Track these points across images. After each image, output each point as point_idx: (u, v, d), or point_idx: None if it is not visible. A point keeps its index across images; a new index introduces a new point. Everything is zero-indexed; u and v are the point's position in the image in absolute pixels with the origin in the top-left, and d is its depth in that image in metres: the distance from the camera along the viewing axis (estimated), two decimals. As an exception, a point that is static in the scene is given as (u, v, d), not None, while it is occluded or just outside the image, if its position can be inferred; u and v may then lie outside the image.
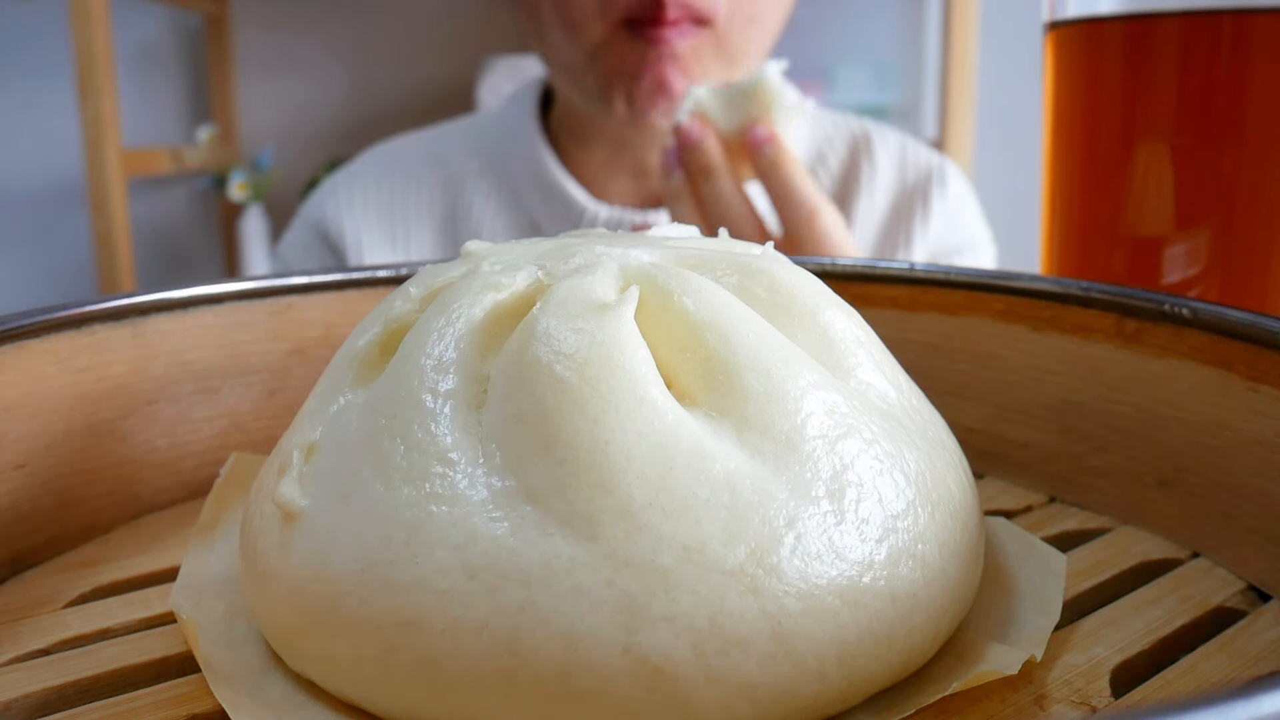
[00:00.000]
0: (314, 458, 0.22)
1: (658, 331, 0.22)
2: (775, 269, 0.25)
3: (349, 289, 0.35)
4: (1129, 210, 0.38)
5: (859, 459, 0.21)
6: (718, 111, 0.58)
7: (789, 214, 0.57)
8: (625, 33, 0.67)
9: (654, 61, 0.67)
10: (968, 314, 0.33)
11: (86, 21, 1.45)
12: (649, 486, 0.19)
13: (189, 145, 1.86)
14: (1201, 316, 0.27)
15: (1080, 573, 0.26)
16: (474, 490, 0.20)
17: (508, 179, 0.80)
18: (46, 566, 0.28)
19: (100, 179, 1.51)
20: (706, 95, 0.58)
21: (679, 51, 0.67)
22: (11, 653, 0.24)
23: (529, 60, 1.64)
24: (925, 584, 0.21)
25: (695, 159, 0.58)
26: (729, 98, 0.58)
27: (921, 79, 1.73)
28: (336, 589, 0.20)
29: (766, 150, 0.57)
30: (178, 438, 0.32)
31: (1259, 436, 0.26)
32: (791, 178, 0.57)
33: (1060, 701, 0.21)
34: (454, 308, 0.23)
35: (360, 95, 1.91)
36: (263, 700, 0.21)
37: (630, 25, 0.67)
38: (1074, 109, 0.40)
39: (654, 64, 0.67)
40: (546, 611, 0.19)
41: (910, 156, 0.83)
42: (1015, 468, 0.33)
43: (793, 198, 0.57)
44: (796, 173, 0.57)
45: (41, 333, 0.28)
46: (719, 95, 0.58)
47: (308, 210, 0.85)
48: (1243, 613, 0.25)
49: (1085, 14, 0.39)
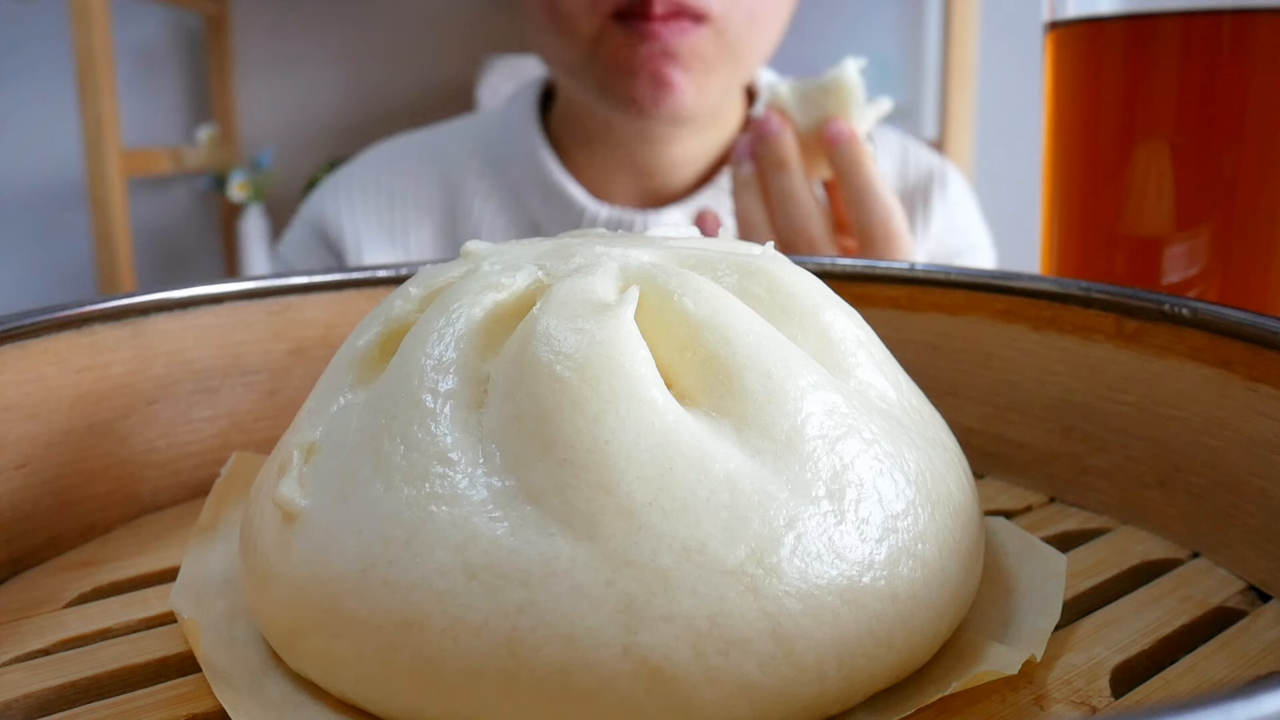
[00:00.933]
0: (314, 458, 0.22)
1: (658, 331, 0.22)
2: (775, 269, 0.25)
3: (349, 289, 0.35)
4: (1129, 210, 0.38)
5: (859, 459, 0.21)
6: (794, 107, 0.58)
7: (866, 213, 0.56)
8: (617, 27, 0.66)
9: (648, 57, 0.66)
10: (968, 314, 0.33)
11: (86, 21, 1.45)
12: (649, 486, 0.19)
13: (189, 145, 1.86)
14: (1201, 316, 0.27)
15: (1080, 573, 0.26)
16: (474, 490, 0.20)
17: (508, 178, 0.80)
18: (46, 566, 0.28)
19: (100, 179, 1.51)
20: (785, 90, 0.58)
21: (677, 49, 0.66)
22: (11, 653, 0.24)
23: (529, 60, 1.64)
24: (925, 584, 0.21)
25: (771, 151, 0.57)
26: (806, 93, 0.57)
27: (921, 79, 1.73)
28: (336, 589, 0.20)
29: (845, 148, 0.56)
30: (178, 438, 0.32)
31: (1259, 436, 0.26)
32: (871, 176, 0.56)
33: (1060, 701, 0.21)
34: (454, 308, 0.23)
35: (360, 95, 1.91)
36: (263, 700, 0.21)
37: (621, 19, 0.66)
38: (1074, 109, 0.40)
39: (648, 60, 0.66)
40: (546, 611, 0.19)
41: (911, 158, 0.83)
42: (1015, 468, 0.33)
43: (872, 195, 0.56)
44: (875, 171, 0.56)
45: (41, 333, 0.29)
46: (796, 91, 0.58)
47: (308, 210, 0.85)
48: (1243, 613, 0.25)
49: (1085, 14, 0.39)
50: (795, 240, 0.57)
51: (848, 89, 0.56)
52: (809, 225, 0.57)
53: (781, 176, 0.57)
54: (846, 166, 0.56)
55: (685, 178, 0.78)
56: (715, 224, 0.61)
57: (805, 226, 0.57)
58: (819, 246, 0.57)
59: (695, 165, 0.78)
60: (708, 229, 0.61)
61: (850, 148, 0.56)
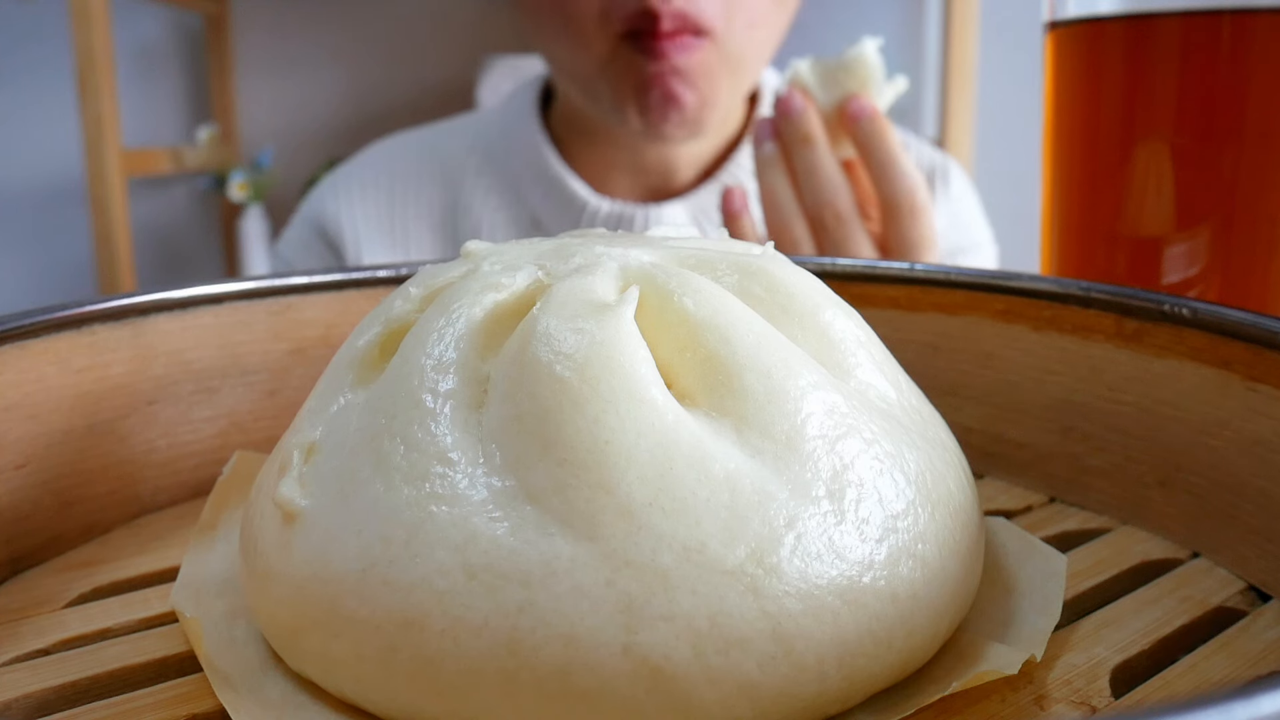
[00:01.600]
0: (314, 458, 0.22)
1: (658, 331, 0.22)
2: (775, 269, 0.25)
3: (349, 289, 0.35)
4: (1129, 210, 0.38)
5: (859, 459, 0.21)
6: (815, 85, 0.58)
7: (892, 185, 0.57)
8: (627, 46, 0.67)
9: (657, 75, 0.67)
10: (968, 314, 0.33)
11: (86, 22, 1.45)
12: (649, 486, 0.19)
13: (189, 145, 1.86)
14: (1201, 316, 0.27)
15: (1080, 573, 0.26)
16: (474, 490, 0.20)
17: (508, 174, 0.80)
18: (46, 566, 0.28)
19: (100, 179, 1.51)
20: (805, 69, 0.58)
21: (683, 67, 0.67)
22: (11, 653, 0.24)
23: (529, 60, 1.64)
24: (925, 584, 0.21)
25: (795, 128, 0.57)
26: (826, 72, 0.58)
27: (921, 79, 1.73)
28: (336, 589, 0.20)
29: (867, 124, 0.57)
30: (178, 438, 0.32)
31: (1259, 436, 0.26)
32: (895, 151, 0.57)
33: (1060, 701, 0.21)
34: (454, 308, 0.23)
35: (360, 95, 1.91)
36: (263, 700, 0.21)
37: (631, 38, 0.67)
38: (1074, 109, 0.40)
39: (658, 77, 0.67)
40: (546, 611, 0.19)
41: (913, 155, 0.83)
42: (1015, 468, 0.33)
43: (897, 168, 0.57)
44: (899, 147, 0.57)
45: (41, 333, 0.29)
46: (817, 69, 0.58)
47: (307, 207, 0.85)
48: (1243, 613, 0.25)
49: (1085, 14, 0.39)
50: (823, 213, 0.57)
51: (868, 66, 0.57)
52: (837, 199, 0.57)
53: (807, 152, 0.57)
54: (871, 141, 0.57)
55: (687, 174, 0.78)
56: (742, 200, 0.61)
57: (833, 200, 0.57)
58: (847, 219, 0.57)
59: (697, 162, 0.78)
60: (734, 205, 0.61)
61: (873, 123, 0.56)
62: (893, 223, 0.57)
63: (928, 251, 0.58)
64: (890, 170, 0.57)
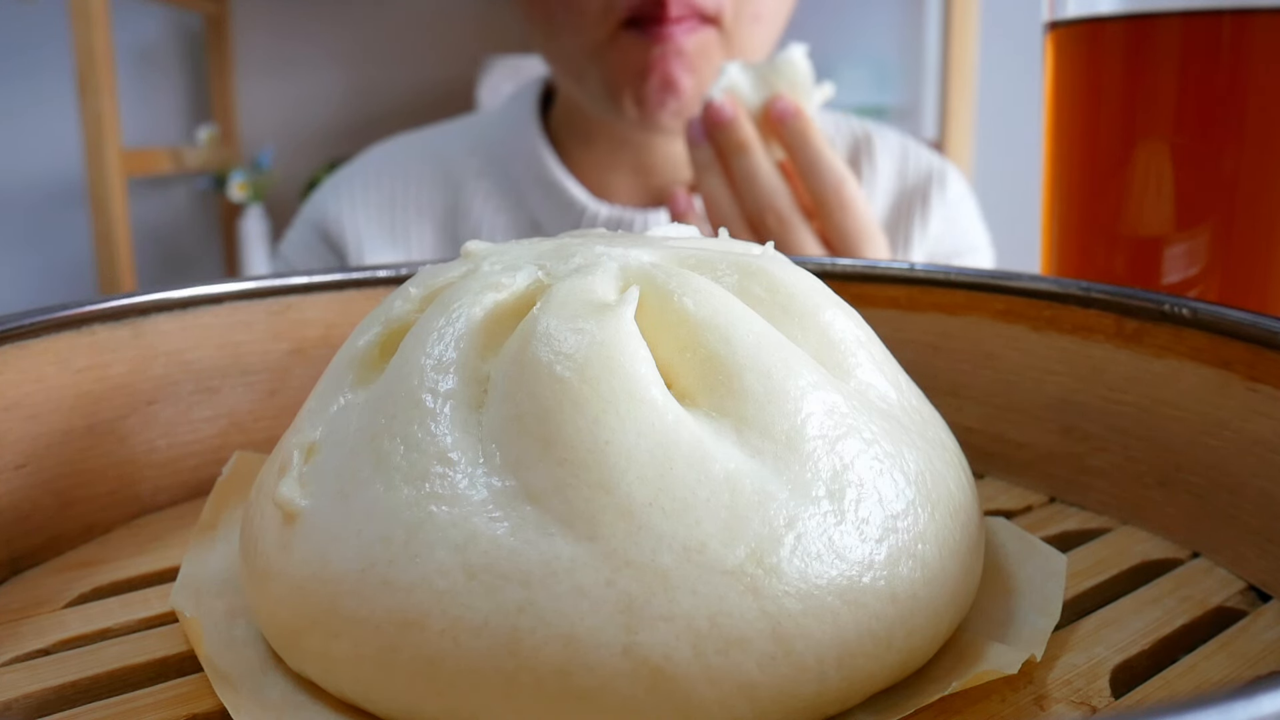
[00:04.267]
0: (314, 458, 0.22)
1: (658, 331, 0.22)
2: (775, 269, 0.25)
3: (349, 289, 0.35)
4: (1129, 210, 0.38)
5: (859, 459, 0.21)
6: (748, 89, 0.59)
7: (817, 182, 0.58)
8: (629, 32, 0.67)
9: (659, 59, 0.67)
10: (968, 314, 0.33)
11: (86, 21, 1.45)
12: (649, 486, 0.19)
13: (189, 145, 1.86)
14: (1201, 316, 0.27)
15: (1080, 573, 0.26)
16: (474, 490, 0.20)
17: (508, 177, 0.80)
18: (46, 566, 0.28)
19: (100, 179, 1.51)
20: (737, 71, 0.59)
21: (685, 49, 0.67)
22: (11, 653, 0.24)
23: (529, 60, 1.64)
24: (925, 584, 0.21)
25: (728, 136, 0.58)
26: (758, 75, 0.59)
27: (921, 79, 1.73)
28: (336, 589, 0.20)
29: (793, 123, 0.58)
30: (178, 438, 0.32)
31: (1259, 436, 0.26)
32: (820, 148, 0.58)
33: (1060, 701, 0.21)
34: (454, 308, 0.23)
35: (360, 95, 1.91)
36: (263, 700, 0.21)
37: (634, 24, 0.67)
38: (1074, 109, 0.40)
39: (659, 61, 0.67)
40: (546, 611, 0.19)
41: (911, 158, 0.84)
42: (1015, 468, 0.33)
43: (823, 165, 0.58)
44: (823, 144, 0.58)
45: (41, 333, 0.29)
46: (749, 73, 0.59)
47: (309, 209, 0.85)
48: (1243, 613, 0.25)
49: (1085, 14, 0.39)
50: (764, 216, 0.58)
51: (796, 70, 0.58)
52: (776, 201, 0.58)
53: (743, 159, 0.58)
54: (795, 139, 0.58)
55: (685, 176, 0.78)
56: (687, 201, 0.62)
57: (772, 202, 0.58)
58: (788, 219, 0.58)
59: None
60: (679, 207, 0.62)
61: (797, 122, 0.58)
62: (826, 218, 0.58)
63: (867, 243, 0.58)
64: (816, 167, 0.58)
